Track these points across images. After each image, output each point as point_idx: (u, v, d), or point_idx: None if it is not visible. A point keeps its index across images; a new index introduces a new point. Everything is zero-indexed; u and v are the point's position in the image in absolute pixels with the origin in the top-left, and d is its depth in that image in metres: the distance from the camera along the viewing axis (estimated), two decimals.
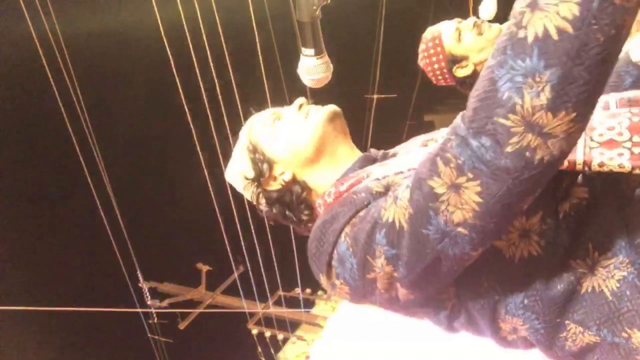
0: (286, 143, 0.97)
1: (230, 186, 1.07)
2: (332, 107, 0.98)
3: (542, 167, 0.58)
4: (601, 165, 0.70)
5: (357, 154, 0.99)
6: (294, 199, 0.97)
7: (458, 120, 0.63)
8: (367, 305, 0.84)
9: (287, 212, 0.99)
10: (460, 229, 0.64)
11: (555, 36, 0.52)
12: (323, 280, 0.82)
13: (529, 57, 0.54)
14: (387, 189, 0.78)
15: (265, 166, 0.98)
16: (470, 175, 0.60)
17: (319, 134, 0.94)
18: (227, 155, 1.09)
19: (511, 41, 0.55)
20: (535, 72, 0.53)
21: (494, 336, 0.81)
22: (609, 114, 0.77)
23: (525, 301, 0.74)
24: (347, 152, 0.98)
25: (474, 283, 0.75)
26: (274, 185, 0.98)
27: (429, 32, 1.78)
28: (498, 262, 0.72)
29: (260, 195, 1.00)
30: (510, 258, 0.72)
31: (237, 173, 1.02)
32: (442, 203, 0.64)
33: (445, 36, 1.74)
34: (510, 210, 0.63)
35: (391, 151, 1.00)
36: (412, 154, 0.87)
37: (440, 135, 0.97)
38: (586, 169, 0.71)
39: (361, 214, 0.76)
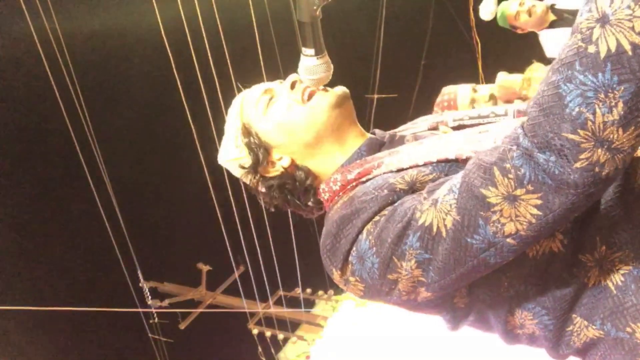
0: (282, 127, 0.92)
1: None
2: (339, 92, 0.92)
3: (607, 182, 0.58)
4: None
5: (364, 137, 0.94)
6: (297, 186, 0.92)
7: (519, 131, 0.62)
8: (378, 302, 0.82)
9: (289, 198, 0.94)
10: (509, 240, 0.64)
11: (629, 52, 0.52)
12: (336, 275, 0.80)
13: (601, 72, 0.53)
14: (410, 186, 0.76)
15: (261, 152, 0.93)
16: (530, 188, 0.60)
17: (320, 121, 0.90)
18: None
19: (580, 56, 0.55)
20: (608, 88, 0.53)
21: (502, 330, 0.81)
22: None
23: (538, 297, 0.74)
24: (353, 137, 0.93)
25: (494, 283, 0.75)
26: (273, 172, 0.94)
27: (446, 91, 1.88)
28: (521, 261, 0.72)
29: (260, 183, 0.95)
30: (533, 257, 0.72)
31: (232, 160, 0.97)
32: (495, 213, 0.62)
33: (461, 105, 1.84)
34: (563, 223, 0.63)
35: (398, 133, 0.96)
36: (425, 143, 0.84)
37: (450, 117, 0.96)
38: None
39: (385, 212, 0.74)
